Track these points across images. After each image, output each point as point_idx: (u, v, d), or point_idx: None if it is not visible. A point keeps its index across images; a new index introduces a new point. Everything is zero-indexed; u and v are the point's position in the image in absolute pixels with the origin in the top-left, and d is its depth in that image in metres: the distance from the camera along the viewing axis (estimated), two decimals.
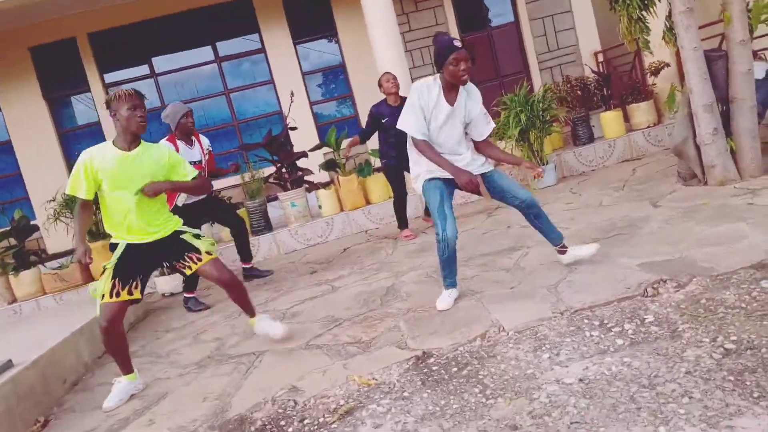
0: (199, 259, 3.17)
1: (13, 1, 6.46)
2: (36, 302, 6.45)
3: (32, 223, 6.93)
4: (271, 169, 7.03)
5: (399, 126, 3.25)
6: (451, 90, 3.12)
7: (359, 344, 3.04)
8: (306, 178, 7.03)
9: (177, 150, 4.63)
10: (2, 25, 7.76)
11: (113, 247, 3.10)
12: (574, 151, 6.96)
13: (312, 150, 6.88)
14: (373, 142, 6.06)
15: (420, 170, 3.30)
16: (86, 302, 5.56)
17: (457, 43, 3.01)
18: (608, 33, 8.50)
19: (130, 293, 3.04)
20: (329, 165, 7.01)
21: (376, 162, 7.44)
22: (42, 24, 8.14)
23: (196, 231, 3.27)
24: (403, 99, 5.32)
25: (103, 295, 2.99)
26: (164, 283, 6.05)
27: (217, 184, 7.15)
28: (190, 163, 4.71)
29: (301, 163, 6.96)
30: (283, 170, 6.89)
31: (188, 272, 3.20)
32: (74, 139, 8.85)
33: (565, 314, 2.66)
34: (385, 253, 5.30)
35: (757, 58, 4.88)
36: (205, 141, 5.08)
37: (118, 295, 3.00)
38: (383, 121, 5.33)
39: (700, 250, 3.05)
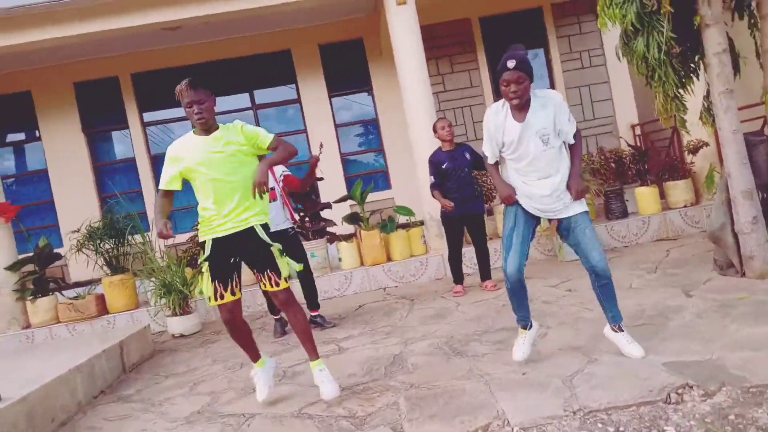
0: (277, 284, 3.09)
1: (61, 40, 6.72)
2: (49, 330, 6.44)
3: (57, 251, 6.99)
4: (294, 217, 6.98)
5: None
6: (521, 107, 2.97)
7: (353, 419, 2.85)
8: (328, 229, 6.95)
9: None
10: (51, 60, 8.14)
11: (202, 245, 3.16)
12: (606, 225, 6.73)
13: (337, 202, 6.82)
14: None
15: None
16: (99, 336, 5.51)
17: (510, 63, 2.86)
18: (647, 106, 8.37)
19: (233, 293, 3.11)
20: (353, 218, 6.94)
21: (401, 219, 7.35)
22: (88, 61, 8.46)
23: (278, 246, 3.15)
24: (458, 145, 5.42)
25: (210, 298, 3.11)
26: (176, 323, 5.97)
27: None
28: None
29: (324, 213, 6.89)
30: (306, 219, 6.84)
31: (262, 288, 3.19)
32: (109, 173, 9.03)
33: (578, 414, 2.42)
34: (399, 315, 5.11)
35: None
36: (278, 169, 4.98)
37: (222, 297, 3.09)
38: (443, 167, 5.28)
39: (733, 354, 2.78)
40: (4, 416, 3.08)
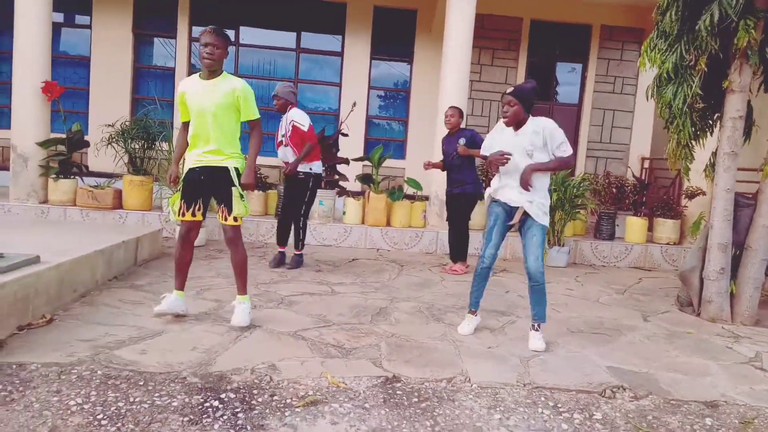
0: (225, 219, 3.60)
1: None
2: (64, 210, 6.87)
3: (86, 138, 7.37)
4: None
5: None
6: (515, 126, 3.65)
7: (340, 349, 3.34)
8: (341, 183, 7.39)
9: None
10: None
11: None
12: (592, 243, 7.22)
13: (355, 160, 7.24)
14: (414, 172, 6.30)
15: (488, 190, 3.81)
16: (111, 226, 5.96)
17: (509, 89, 3.59)
18: (661, 144, 8.78)
19: (193, 215, 3.62)
20: (365, 179, 7.37)
21: (409, 190, 7.80)
22: None
23: (240, 189, 3.60)
24: (459, 130, 5.89)
25: (175, 212, 3.64)
26: None
27: (258, 161, 7.51)
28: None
29: (341, 168, 7.32)
30: (323, 168, 7.25)
31: (218, 218, 3.67)
32: (146, 76, 9.36)
33: (527, 387, 2.93)
34: (389, 276, 5.60)
35: None
36: (292, 114, 5.39)
37: (183, 215, 3.61)
38: (443, 148, 6.06)
39: (666, 373, 3.30)
40: (43, 277, 3.54)
